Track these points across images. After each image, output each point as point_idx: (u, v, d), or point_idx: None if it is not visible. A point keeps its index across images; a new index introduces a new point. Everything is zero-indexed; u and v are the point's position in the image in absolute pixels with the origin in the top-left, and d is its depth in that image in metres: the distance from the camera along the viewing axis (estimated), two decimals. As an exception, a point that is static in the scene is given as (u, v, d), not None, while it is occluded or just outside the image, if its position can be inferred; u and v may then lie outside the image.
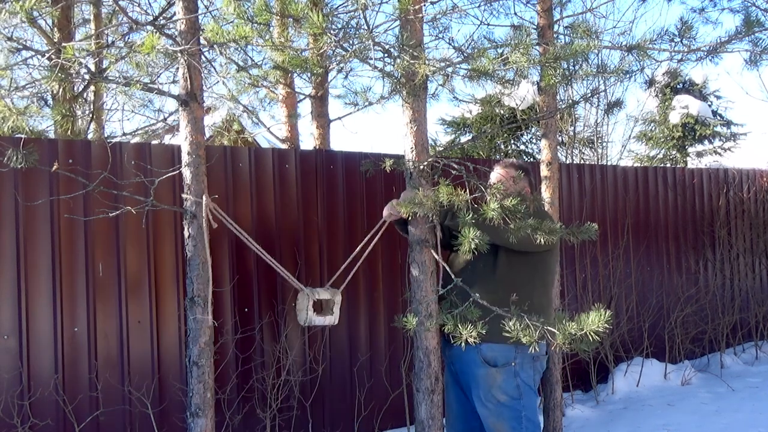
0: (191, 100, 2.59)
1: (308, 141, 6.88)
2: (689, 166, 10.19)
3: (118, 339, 3.25)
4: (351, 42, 2.65)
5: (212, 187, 2.96)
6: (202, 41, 2.61)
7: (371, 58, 2.73)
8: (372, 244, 3.24)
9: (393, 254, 4.22)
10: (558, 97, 4.58)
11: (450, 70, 2.81)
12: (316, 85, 5.84)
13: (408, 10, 2.71)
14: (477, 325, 2.46)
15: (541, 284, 2.86)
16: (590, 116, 9.10)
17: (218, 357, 3.21)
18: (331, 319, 3.01)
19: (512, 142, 8.27)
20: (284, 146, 6.19)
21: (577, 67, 3.20)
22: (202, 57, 2.78)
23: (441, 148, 7.28)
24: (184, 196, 2.67)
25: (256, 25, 2.46)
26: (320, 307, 3.02)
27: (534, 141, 8.37)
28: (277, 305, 3.76)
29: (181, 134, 2.64)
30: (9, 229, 3.00)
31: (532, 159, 8.06)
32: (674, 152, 10.57)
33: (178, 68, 2.72)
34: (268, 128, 6.37)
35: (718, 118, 10.75)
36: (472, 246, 2.45)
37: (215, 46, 2.59)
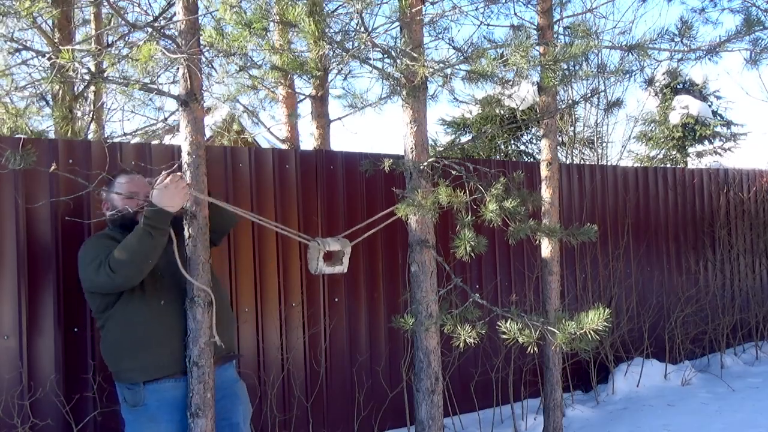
0: (191, 101, 2.58)
1: (308, 141, 6.90)
2: (689, 166, 10.20)
3: (118, 339, 3.25)
4: (350, 44, 2.65)
5: (212, 187, 2.96)
6: (202, 42, 2.61)
7: (371, 60, 2.74)
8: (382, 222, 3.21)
9: (393, 254, 4.23)
10: (558, 97, 4.58)
11: (449, 71, 2.81)
12: (316, 86, 5.85)
13: (407, 11, 2.71)
14: (476, 326, 2.46)
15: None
16: (590, 116, 9.11)
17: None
18: (341, 269, 2.99)
19: (512, 142, 8.28)
20: (284, 146, 6.20)
21: (577, 68, 3.21)
22: (202, 57, 2.78)
23: (441, 149, 7.28)
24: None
25: (253, 31, 2.45)
26: (330, 258, 3.01)
27: (534, 141, 8.39)
28: (278, 305, 3.76)
29: (181, 134, 2.64)
30: (9, 229, 3.01)
31: (532, 159, 8.07)
32: (674, 152, 10.58)
33: (178, 68, 2.72)
34: (268, 128, 6.39)
35: (718, 118, 10.76)
36: (468, 249, 2.45)
37: (215, 48, 2.59)
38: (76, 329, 3.10)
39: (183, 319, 2.56)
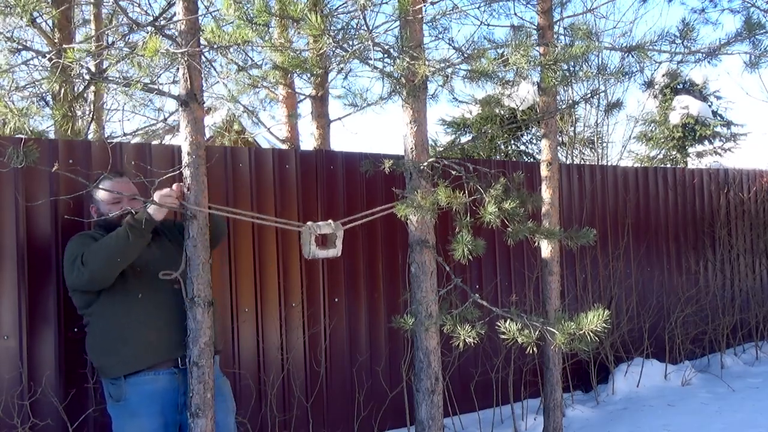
0: (191, 101, 2.59)
1: (308, 141, 6.90)
2: (689, 166, 10.19)
3: (118, 339, 3.24)
4: (351, 42, 2.66)
5: (212, 187, 2.96)
6: (203, 42, 2.61)
7: (371, 59, 2.74)
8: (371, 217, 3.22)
9: (393, 254, 4.23)
10: (558, 98, 4.58)
11: (450, 70, 2.82)
12: (316, 86, 5.85)
13: (408, 10, 2.71)
14: (476, 326, 2.46)
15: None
16: (590, 117, 9.11)
17: (218, 357, 3.20)
18: (334, 252, 3.01)
19: (512, 142, 8.28)
20: (284, 146, 6.20)
21: (577, 68, 3.21)
22: (202, 57, 2.78)
23: (441, 149, 7.28)
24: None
25: (255, 26, 2.46)
26: (323, 242, 3.04)
27: (534, 141, 8.38)
28: (278, 305, 3.76)
29: (181, 134, 2.64)
30: (9, 228, 3.01)
31: (532, 159, 8.06)
32: (674, 152, 10.57)
33: (178, 68, 2.72)
34: (269, 128, 6.39)
35: (719, 118, 10.76)
36: (466, 252, 2.45)
37: (216, 47, 2.59)
38: (75, 329, 3.09)
39: (161, 312, 2.61)
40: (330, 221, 3.02)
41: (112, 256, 2.47)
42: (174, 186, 2.65)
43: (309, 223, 2.95)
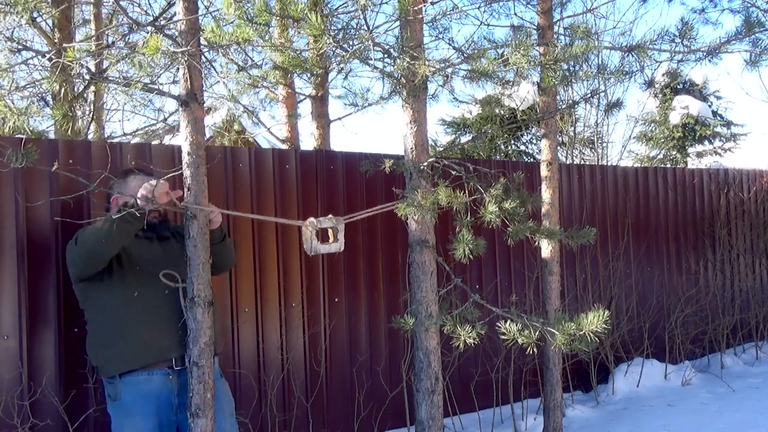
0: (191, 101, 2.58)
1: (308, 141, 6.90)
2: (689, 166, 10.19)
3: (118, 339, 3.24)
4: (351, 42, 2.66)
5: (212, 187, 2.96)
6: (203, 41, 2.61)
7: (371, 59, 2.74)
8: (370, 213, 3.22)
9: (393, 254, 4.23)
10: (558, 98, 4.58)
11: (450, 70, 2.82)
12: (316, 86, 5.85)
13: (408, 10, 2.71)
14: (476, 326, 2.46)
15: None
16: (590, 117, 9.11)
17: (218, 357, 3.20)
18: (336, 246, 3.01)
19: (512, 142, 8.28)
20: (284, 146, 6.20)
21: (577, 68, 3.21)
22: (203, 57, 2.78)
23: (441, 149, 7.28)
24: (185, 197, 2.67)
25: (256, 25, 2.46)
26: (325, 236, 3.03)
27: (534, 141, 8.38)
28: (278, 305, 3.76)
29: (181, 134, 2.64)
30: (9, 229, 3.01)
31: (532, 159, 8.07)
32: (674, 152, 10.58)
33: (178, 68, 2.72)
34: (269, 128, 6.39)
35: (719, 118, 10.76)
36: (467, 251, 2.45)
37: (216, 47, 2.59)
38: (76, 329, 3.09)
39: (161, 311, 2.61)
40: (330, 215, 3.02)
41: (98, 236, 2.47)
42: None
43: (310, 218, 2.95)
